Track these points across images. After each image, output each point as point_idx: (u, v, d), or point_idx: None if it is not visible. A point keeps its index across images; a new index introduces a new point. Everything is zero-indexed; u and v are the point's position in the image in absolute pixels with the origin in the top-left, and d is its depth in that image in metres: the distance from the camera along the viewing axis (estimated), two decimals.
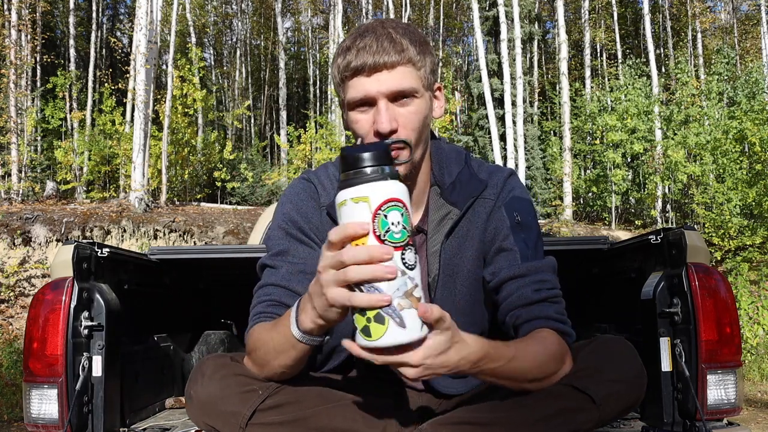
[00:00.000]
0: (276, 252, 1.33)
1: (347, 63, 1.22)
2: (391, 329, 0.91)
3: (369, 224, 0.92)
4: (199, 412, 1.18)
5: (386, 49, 1.20)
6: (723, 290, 1.67)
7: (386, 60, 1.20)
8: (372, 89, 1.21)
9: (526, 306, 1.25)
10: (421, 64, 1.24)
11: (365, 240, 0.92)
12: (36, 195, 12.48)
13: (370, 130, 1.24)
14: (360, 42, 1.21)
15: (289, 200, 1.39)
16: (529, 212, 1.35)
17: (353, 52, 1.21)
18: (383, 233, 0.91)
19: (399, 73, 1.21)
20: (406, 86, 1.22)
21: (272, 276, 1.30)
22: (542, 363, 1.13)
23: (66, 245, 1.73)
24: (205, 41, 25.98)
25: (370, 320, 0.92)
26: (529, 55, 21.53)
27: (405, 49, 1.21)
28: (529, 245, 1.30)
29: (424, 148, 1.33)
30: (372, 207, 0.92)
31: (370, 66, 1.20)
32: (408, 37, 1.23)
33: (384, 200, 0.92)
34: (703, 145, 12.99)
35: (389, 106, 1.22)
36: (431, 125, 1.35)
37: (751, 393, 6.41)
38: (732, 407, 1.66)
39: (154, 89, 12.87)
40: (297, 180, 1.44)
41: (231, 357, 1.24)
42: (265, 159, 21.20)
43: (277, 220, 1.38)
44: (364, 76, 1.21)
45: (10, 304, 8.84)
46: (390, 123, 1.21)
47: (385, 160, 0.95)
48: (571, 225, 13.59)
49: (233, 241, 10.58)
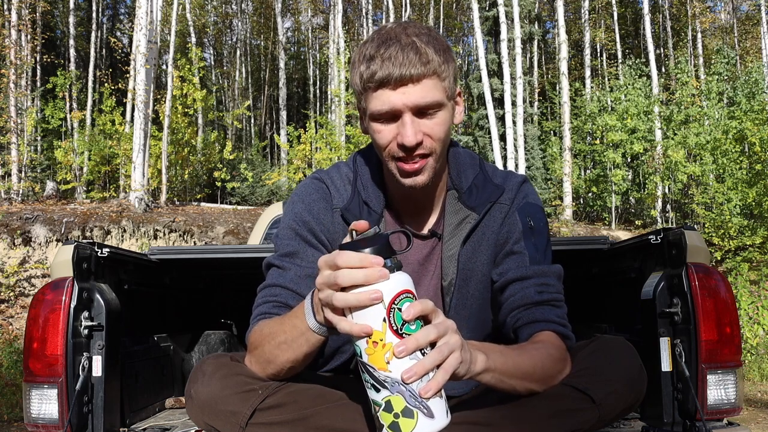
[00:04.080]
0: (285, 253, 1.32)
1: (372, 73, 1.19)
2: (420, 422, 0.91)
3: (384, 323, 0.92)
4: (199, 411, 1.18)
5: (412, 61, 1.17)
6: (723, 290, 1.67)
7: (412, 73, 1.17)
8: (398, 103, 1.19)
9: (528, 307, 1.26)
10: (445, 74, 1.22)
11: (383, 336, 0.92)
12: (36, 195, 12.48)
13: (392, 141, 1.23)
14: (384, 51, 1.18)
15: (301, 200, 1.37)
16: (541, 219, 1.37)
17: (378, 62, 1.18)
18: (400, 327, 0.92)
19: (424, 87, 1.19)
20: (432, 99, 1.20)
21: (280, 277, 1.29)
22: (544, 368, 1.14)
23: (66, 245, 1.73)
24: (205, 41, 25.98)
25: (398, 416, 0.92)
26: (529, 55, 21.54)
27: (430, 60, 1.19)
28: (539, 250, 1.32)
29: (445, 155, 1.34)
30: (386, 304, 0.92)
31: (396, 79, 1.17)
32: (432, 46, 1.20)
33: (395, 295, 0.93)
34: (703, 145, 12.99)
35: (414, 120, 1.21)
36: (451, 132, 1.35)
37: (751, 393, 6.41)
38: (732, 407, 1.66)
39: (154, 89, 12.87)
40: (309, 179, 1.42)
41: (231, 357, 1.23)
42: (265, 159, 21.20)
43: (288, 220, 1.36)
44: (389, 88, 1.19)
45: (10, 304, 8.84)
46: (415, 136, 1.20)
47: (387, 254, 0.94)
48: (571, 225, 13.59)
49: (233, 241, 10.58)
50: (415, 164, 1.24)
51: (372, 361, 0.93)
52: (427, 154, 1.24)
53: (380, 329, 0.92)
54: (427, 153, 1.24)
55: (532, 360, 1.13)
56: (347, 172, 1.40)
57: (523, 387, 1.11)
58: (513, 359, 1.10)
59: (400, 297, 0.93)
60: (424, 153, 1.24)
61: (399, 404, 0.92)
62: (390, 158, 1.26)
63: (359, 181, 1.38)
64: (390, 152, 1.25)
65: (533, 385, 1.12)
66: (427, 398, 0.91)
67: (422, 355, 0.92)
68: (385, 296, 0.92)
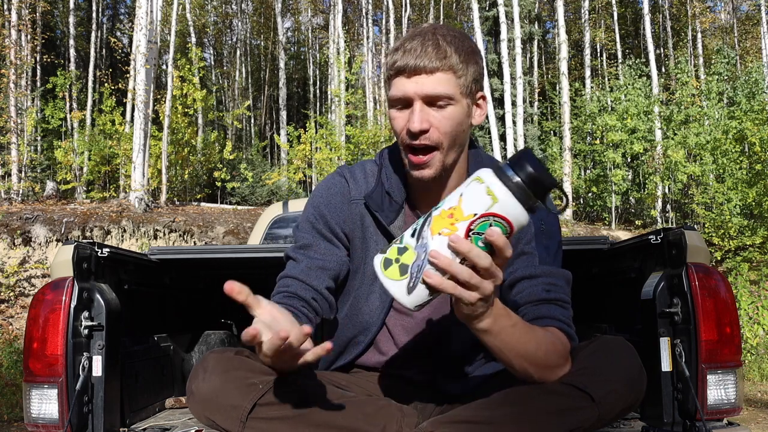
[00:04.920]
0: (300, 245, 1.41)
1: (393, 62, 1.28)
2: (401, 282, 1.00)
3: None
4: (200, 406, 1.18)
5: (429, 54, 1.25)
6: (723, 290, 1.67)
7: (426, 64, 1.25)
8: (410, 90, 1.27)
9: (535, 303, 1.27)
10: (462, 72, 1.28)
11: (460, 218, 0.96)
12: (36, 195, 12.48)
13: (404, 128, 1.30)
14: (408, 44, 1.27)
15: (321, 194, 1.46)
16: (554, 223, 1.40)
17: (400, 53, 1.27)
18: (474, 230, 0.96)
19: (437, 79, 1.26)
20: (442, 91, 1.26)
21: (293, 268, 1.38)
22: (548, 350, 1.14)
23: (66, 245, 1.73)
24: (205, 41, 25.98)
25: (398, 261, 1.00)
26: (529, 55, 21.54)
27: (448, 56, 1.26)
28: (550, 252, 1.34)
29: (458, 153, 1.35)
30: (488, 208, 0.96)
31: (411, 68, 1.26)
32: (454, 45, 1.27)
33: (499, 214, 0.96)
34: (703, 145, 12.99)
35: (423, 108, 1.28)
36: (469, 132, 1.38)
37: (751, 393, 6.41)
38: (732, 407, 1.66)
39: (154, 89, 12.87)
40: (331, 175, 1.50)
41: (236, 351, 1.24)
42: (265, 159, 21.19)
43: (307, 213, 1.45)
44: (404, 76, 1.27)
45: (10, 304, 8.84)
46: (421, 123, 1.26)
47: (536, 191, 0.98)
48: (571, 225, 13.59)
49: (233, 241, 10.58)
50: (423, 158, 1.30)
51: (435, 219, 0.97)
52: (433, 147, 1.29)
53: (466, 214, 0.96)
54: (433, 146, 1.29)
55: (537, 342, 1.13)
56: (371, 167, 1.48)
57: (521, 366, 1.12)
58: (519, 335, 1.11)
59: (500, 219, 0.96)
60: (430, 145, 1.28)
61: (408, 258, 0.98)
62: (404, 147, 1.33)
63: (384, 172, 1.44)
64: (403, 140, 1.32)
65: (531, 367, 1.13)
66: (423, 281, 0.97)
67: (461, 262, 0.96)
68: (494, 207, 0.95)
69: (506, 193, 0.95)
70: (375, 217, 1.40)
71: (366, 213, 1.42)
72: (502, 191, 0.96)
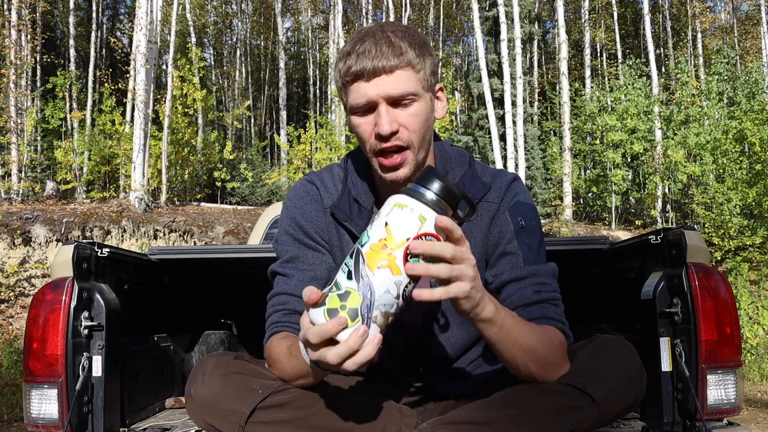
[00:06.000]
0: (286, 259, 1.35)
1: (348, 68, 1.24)
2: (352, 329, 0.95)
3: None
4: (199, 410, 1.18)
5: (385, 53, 1.21)
6: (723, 290, 1.67)
7: (385, 64, 1.21)
8: (372, 93, 1.23)
9: (526, 306, 1.25)
10: (420, 66, 1.25)
11: (393, 247, 0.96)
12: (36, 195, 12.48)
13: (371, 133, 1.26)
14: (360, 47, 1.23)
15: (293, 204, 1.41)
16: (532, 217, 1.36)
17: (353, 57, 1.23)
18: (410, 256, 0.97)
19: (398, 77, 1.22)
20: (405, 90, 1.23)
21: (285, 284, 1.32)
22: (547, 346, 1.14)
23: (66, 245, 1.73)
24: (205, 41, 25.97)
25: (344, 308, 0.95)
26: (529, 55, 21.53)
27: (404, 52, 1.22)
28: (532, 249, 1.31)
29: (427, 149, 1.34)
30: (420, 230, 0.97)
31: (369, 71, 1.21)
32: (407, 40, 1.24)
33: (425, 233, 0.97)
34: (703, 145, 12.99)
35: (389, 109, 1.24)
36: (433, 126, 1.36)
37: (751, 393, 6.41)
38: (732, 407, 1.66)
39: (154, 89, 12.87)
40: (300, 182, 1.45)
41: (235, 356, 1.24)
42: (265, 159, 21.19)
43: (284, 226, 1.39)
44: (363, 81, 1.23)
45: (10, 304, 8.84)
46: (390, 125, 1.23)
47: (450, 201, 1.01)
48: (571, 225, 13.59)
49: (233, 241, 10.58)
50: (395, 159, 1.26)
51: (368, 255, 0.96)
52: (404, 147, 1.26)
53: (399, 241, 0.96)
54: (404, 146, 1.26)
55: (536, 337, 1.13)
56: (338, 172, 1.43)
57: (523, 361, 1.11)
58: (520, 328, 1.11)
59: (431, 237, 0.97)
60: (401, 145, 1.26)
61: (354, 302, 0.95)
62: (372, 154, 1.29)
63: (350, 179, 1.41)
64: (371, 147, 1.28)
65: (532, 363, 1.12)
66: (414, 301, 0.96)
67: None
68: (425, 227, 0.97)
69: (429, 210, 0.98)
70: (345, 227, 1.37)
71: (334, 222, 1.39)
72: (426, 210, 0.98)
